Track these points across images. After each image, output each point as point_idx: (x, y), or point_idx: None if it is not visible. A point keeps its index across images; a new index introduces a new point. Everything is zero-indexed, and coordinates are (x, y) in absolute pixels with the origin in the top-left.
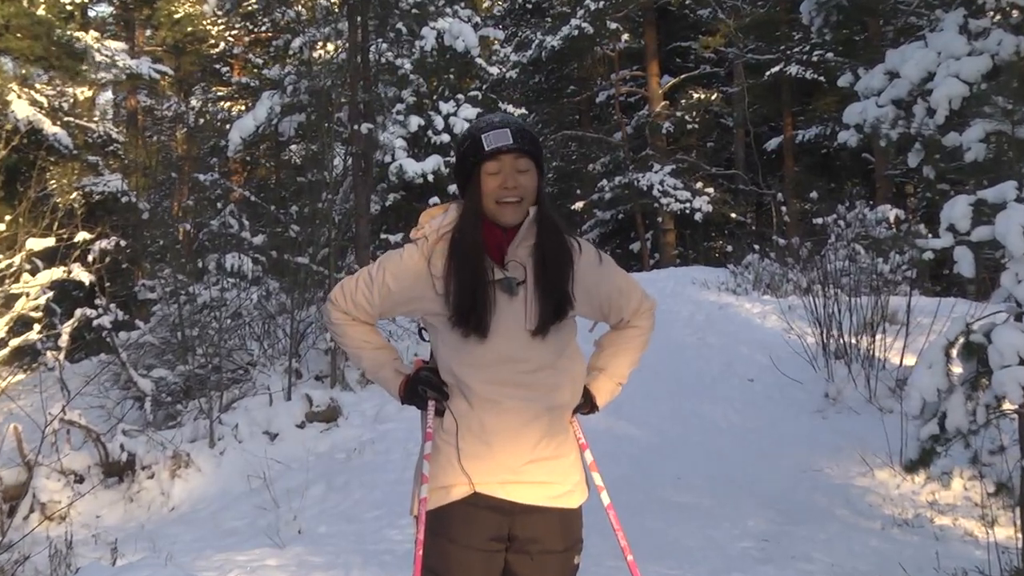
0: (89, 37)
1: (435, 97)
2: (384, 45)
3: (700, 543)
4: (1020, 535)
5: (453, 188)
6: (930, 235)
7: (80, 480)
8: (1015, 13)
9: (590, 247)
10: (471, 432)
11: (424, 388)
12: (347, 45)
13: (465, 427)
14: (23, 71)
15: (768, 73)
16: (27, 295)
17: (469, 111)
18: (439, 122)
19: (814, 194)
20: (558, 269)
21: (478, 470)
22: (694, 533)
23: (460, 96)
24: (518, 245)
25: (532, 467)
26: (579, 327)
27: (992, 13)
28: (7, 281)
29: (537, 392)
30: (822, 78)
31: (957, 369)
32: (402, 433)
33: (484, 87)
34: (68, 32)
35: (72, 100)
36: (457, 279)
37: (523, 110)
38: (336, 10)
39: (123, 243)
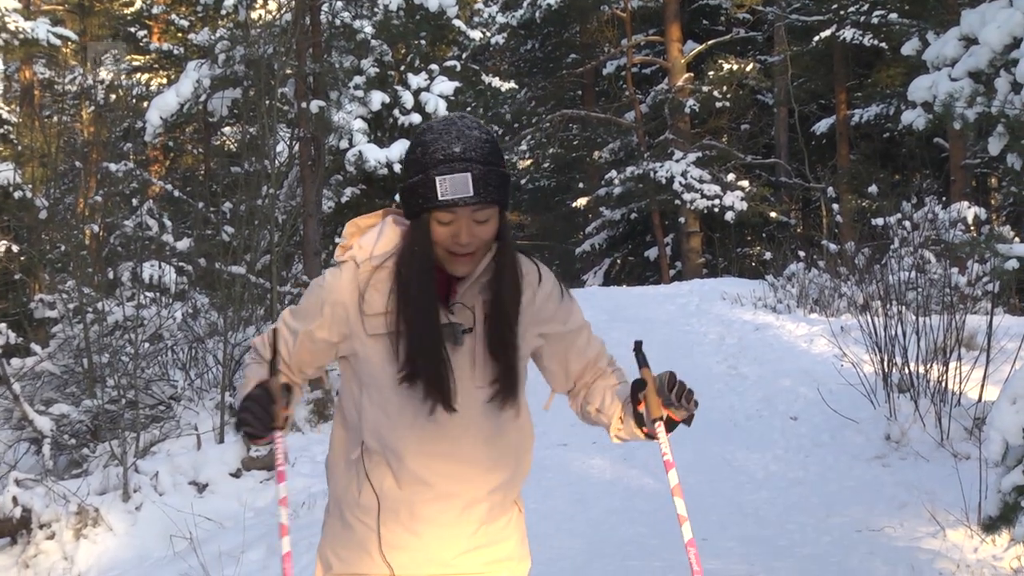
0: None
1: (403, 68)
2: (339, 3)
3: None
4: None
5: None
6: (1017, 239)
7: None
8: None
9: (551, 277)
10: (397, 519)
11: (242, 419)
12: (292, 3)
13: (389, 510)
14: None
15: (817, 38)
16: None
17: (445, 85)
18: (407, 99)
19: (873, 188)
20: (511, 312)
21: (402, 562)
22: None
23: (434, 67)
24: (469, 284)
25: (467, 558)
26: (533, 402)
27: None
28: None
29: (479, 469)
30: (883, 45)
31: None
32: None
33: (464, 55)
34: None
35: None
36: (406, 328)
37: (512, 84)
38: None
39: (15, 248)
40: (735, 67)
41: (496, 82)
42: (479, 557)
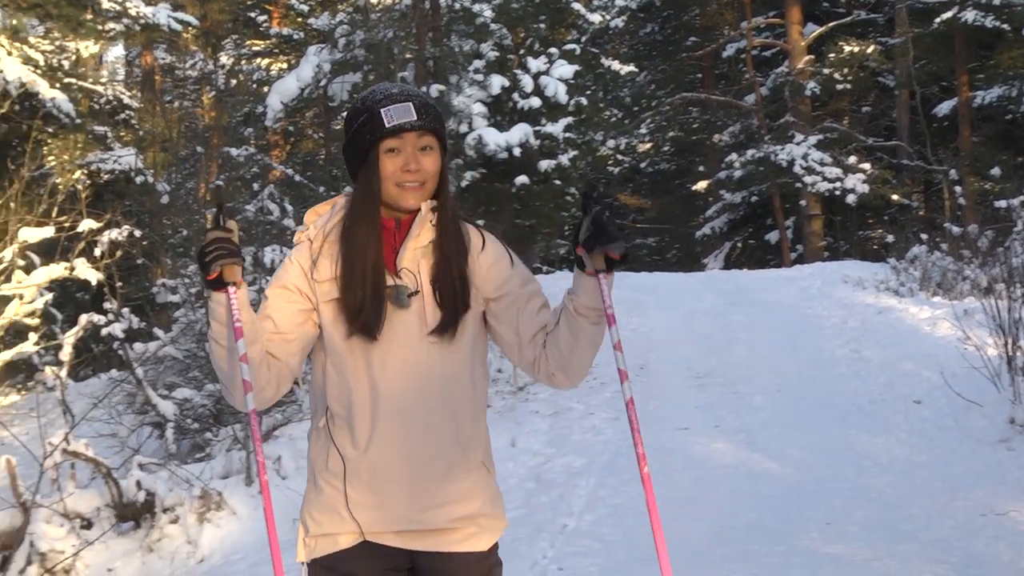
0: None
1: (522, 52)
2: None
3: None
4: None
5: (545, 164)
6: None
7: (87, 525)
8: None
9: (497, 242)
10: (360, 479)
11: (208, 252)
12: None
13: (353, 471)
14: (14, 21)
15: (938, 20)
16: (20, 298)
17: (564, 68)
18: (527, 83)
19: (996, 171)
20: (456, 269)
21: (370, 520)
22: None
23: (553, 50)
24: (409, 245)
25: (431, 514)
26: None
27: None
28: None
29: (434, 428)
30: (1006, 26)
31: None
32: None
33: (583, 39)
34: None
35: (74, 57)
36: (345, 278)
37: (631, 67)
38: None
39: (138, 233)
40: (856, 49)
41: (615, 65)
42: (443, 514)
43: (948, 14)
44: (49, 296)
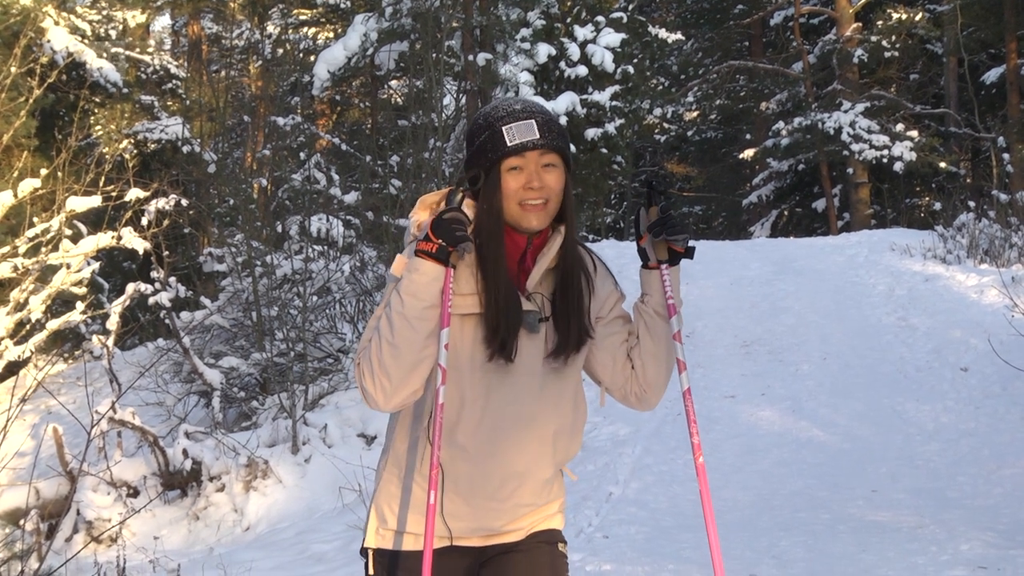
0: None
1: (569, 20)
2: None
3: (901, 571)
4: None
5: (591, 133)
6: None
7: (134, 493)
8: None
9: (600, 260)
10: (456, 490)
11: (445, 224)
12: None
13: (451, 480)
14: None
15: None
16: (67, 267)
17: (611, 37)
18: (574, 51)
19: None
20: (579, 299)
21: (460, 528)
22: (894, 560)
23: (600, 18)
24: (540, 269)
25: (515, 524)
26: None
27: None
28: (44, 250)
29: (538, 451)
30: None
31: None
32: None
33: (630, 7)
34: None
35: (121, 27)
36: (487, 298)
37: (678, 35)
38: None
39: (185, 202)
40: (904, 16)
41: (663, 33)
42: (525, 522)
43: None
44: (96, 265)
